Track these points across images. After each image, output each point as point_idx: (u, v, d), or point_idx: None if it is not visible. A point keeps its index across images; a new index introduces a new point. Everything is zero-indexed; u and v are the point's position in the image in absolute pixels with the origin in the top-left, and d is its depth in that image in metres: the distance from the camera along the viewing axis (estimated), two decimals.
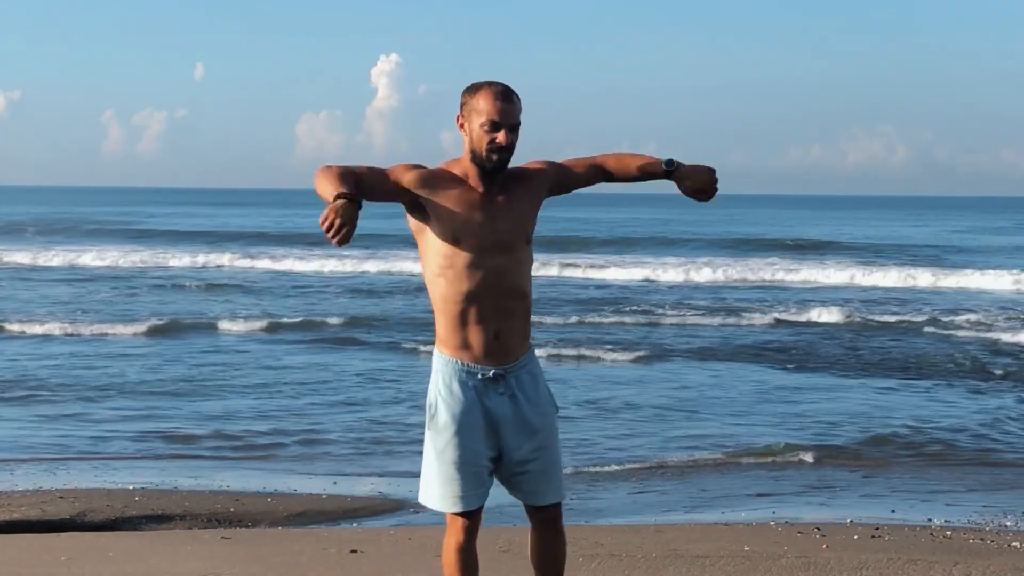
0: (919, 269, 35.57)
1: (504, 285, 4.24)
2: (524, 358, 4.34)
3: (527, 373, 4.34)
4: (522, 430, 4.31)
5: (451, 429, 4.28)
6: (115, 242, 47.81)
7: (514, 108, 4.24)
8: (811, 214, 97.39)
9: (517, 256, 4.27)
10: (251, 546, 7.41)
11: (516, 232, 4.27)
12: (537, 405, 4.34)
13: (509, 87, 4.28)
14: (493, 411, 4.28)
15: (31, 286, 30.02)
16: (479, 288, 4.22)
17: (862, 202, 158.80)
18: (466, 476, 4.28)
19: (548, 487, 4.38)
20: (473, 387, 4.28)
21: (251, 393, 14.72)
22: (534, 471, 4.35)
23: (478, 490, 4.31)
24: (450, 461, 4.28)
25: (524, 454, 4.32)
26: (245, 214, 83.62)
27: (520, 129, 4.27)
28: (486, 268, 4.22)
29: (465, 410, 4.27)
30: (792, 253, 44.08)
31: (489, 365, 4.28)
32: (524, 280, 4.31)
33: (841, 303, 26.16)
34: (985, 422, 13.18)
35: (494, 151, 4.20)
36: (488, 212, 4.23)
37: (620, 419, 13.24)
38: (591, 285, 32.05)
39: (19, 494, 9.28)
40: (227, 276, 34.33)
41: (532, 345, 4.42)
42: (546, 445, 4.36)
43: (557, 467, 4.41)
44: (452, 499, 4.29)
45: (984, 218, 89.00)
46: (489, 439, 4.30)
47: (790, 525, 8.46)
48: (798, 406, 14.14)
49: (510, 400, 4.30)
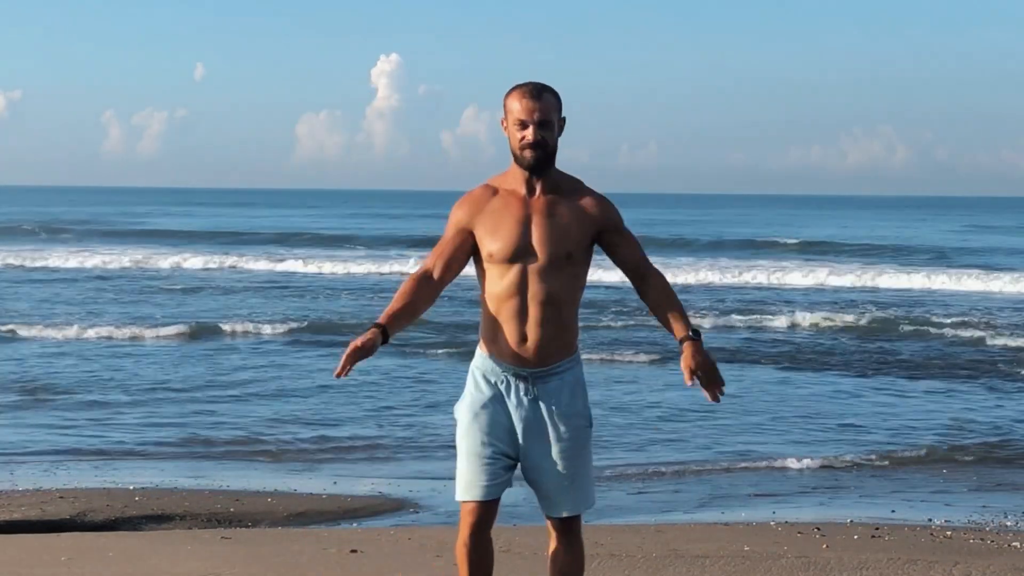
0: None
1: (533, 290, 4.24)
2: (559, 366, 4.32)
3: (560, 381, 4.32)
4: (541, 436, 4.31)
5: (468, 418, 4.34)
6: (138, 242, 47.81)
7: (544, 104, 4.26)
8: (835, 214, 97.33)
9: (553, 263, 4.25)
10: (251, 546, 7.41)
11: (551, 239, 4.24)
12: (565, 416, 4.32)
13: (541, 84, 4.31)
14: (514, 411, 4.30)
15: (39, 287, 30.00)
16: (508, 290, 4.26)
17: (862, 202, 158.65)
18: (475, 466, 4.31)
19: (562, 499, 4.35)
20: (498, 384, 4.31)
21: (258, 393, 14.72)
22: (549, 480, 4.33)
23: (487, 482, 4.31)
24: (464, 450, 4.35)
25: (539, 460, 4.31)
26: (266, 215, 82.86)
27: (557, 126, 4.29)
28: (516, 270, 4.25)
29: (485, 403, 4.32)
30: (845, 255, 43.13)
31: (516, 365, 4.29)
32: (559, 288, 4.26)
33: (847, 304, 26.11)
34: (987, 422, 13.19)
35: (525, 147, 4.25)
36: (525, 215, 4.27)
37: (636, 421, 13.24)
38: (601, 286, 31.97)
39: (19, 494, 9.28)
40: (249, 277, 34.18)
41: (577, 355, 4.39)
42: (567, 457, 4.32)
43: (578, 481, 4.35)
44: (462, 487, 4.35)
45: (994, 218, 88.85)
46: (507, 437, 4.32)
47: (790, 525, 8.45)
48: (806, 409, 14.14)
49: (533, 404, 4.30)
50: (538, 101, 4.26)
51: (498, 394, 4.32)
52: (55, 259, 38.67)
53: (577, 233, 4.28)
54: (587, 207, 4.32)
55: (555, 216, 4.28)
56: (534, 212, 4.28)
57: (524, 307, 4.25)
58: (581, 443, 4.36)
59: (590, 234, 4.31)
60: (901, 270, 35.56)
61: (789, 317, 23.56)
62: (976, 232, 65.96)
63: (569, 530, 4.40)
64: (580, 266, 4.32)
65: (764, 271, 35.04)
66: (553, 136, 4.29)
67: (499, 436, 4.31)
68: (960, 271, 34.82)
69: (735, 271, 35.18)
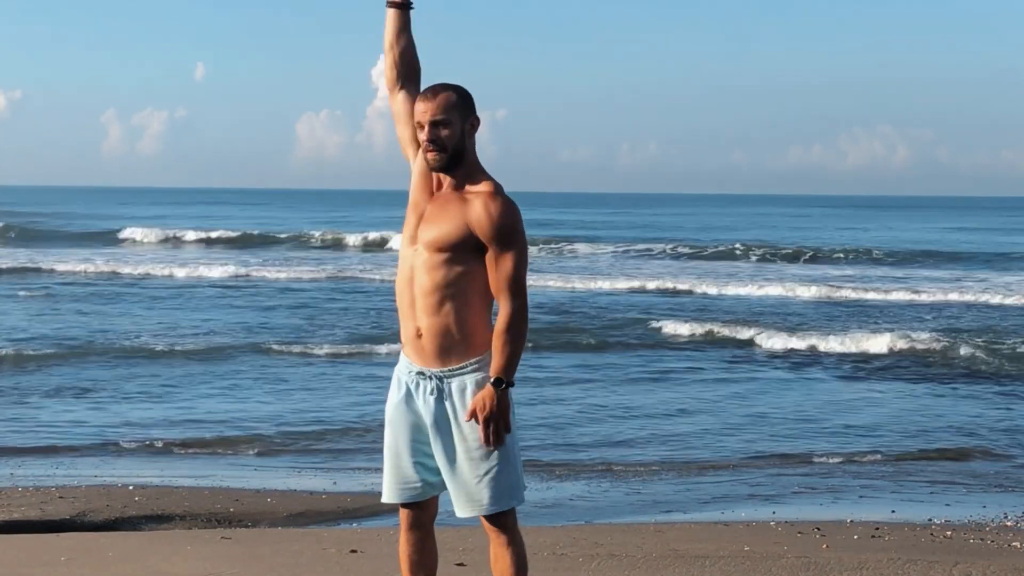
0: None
1: (421, 283, 4.20)
2: (464, 366, 4.21)
3: (462, 382, 4.20)
4: (448, 437, 4.22)
5: (385, 420, 4.37)
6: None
7: (438, 103, 4.18)
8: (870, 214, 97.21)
9: (437, 257, 4.16)
10: (251, 546, 7.41)
11: (434, 234, 4.17)
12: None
13: (443, 84, 4.25)
14: (420, 410, 4.26)
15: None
16: (401, 282, 4.26)
17: (864, 202, 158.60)
18: (390, 469, 4.34)
19: (466, 499, 4.23)
20: (406, 383, 4.29)
21: (261, 394, 14.73)
22: (454, 479, 4.24)
23: (402, 485, 4.32)
24: (384, 451, 4.38)
25: (445, 460, 4.24)
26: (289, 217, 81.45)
27: (461, 125, 4.19)
28: (408, 263, 4.24)
29: (395, 405, 4.32)
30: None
31: (418, 363, 4.25)
32: (443, 283, 4.16)
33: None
34: (988, 423, 13.19)
35: (424, 151, 4.21)
36: (424, 208, 4.24)
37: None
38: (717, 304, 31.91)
39: (19, 494, 9.28)
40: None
41: (485, 357, 4.20)
42: (475, 456, 4.19)
43: (489, 479, 4.19)
44: (384, 490, 4.39)
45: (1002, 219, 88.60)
46: (417, 438, 4.28)
47: (790, 525, 8.46)
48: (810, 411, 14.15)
49: (439, 404, 4.24)
50: (432, 101, 4.19)
51: (405, 394, 4.28)
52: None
53: (453, 233, 4.15)
54: (474, 212, 4.15)
55: (444, 210, 4.19)
56: (431, 206, 4.22)
57: (413, 302, 4.22)
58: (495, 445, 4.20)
59: (465, 239, 4.15)
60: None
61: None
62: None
63: (502, 528, 4.27)
64: (470, 264, 4.16)
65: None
66: (453, 134, 4.18)
67: (408, 438, 4.28)
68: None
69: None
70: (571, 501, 9.58)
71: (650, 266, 38.91)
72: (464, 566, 6.62)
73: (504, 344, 4.14)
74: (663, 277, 33.57)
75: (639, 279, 32.86)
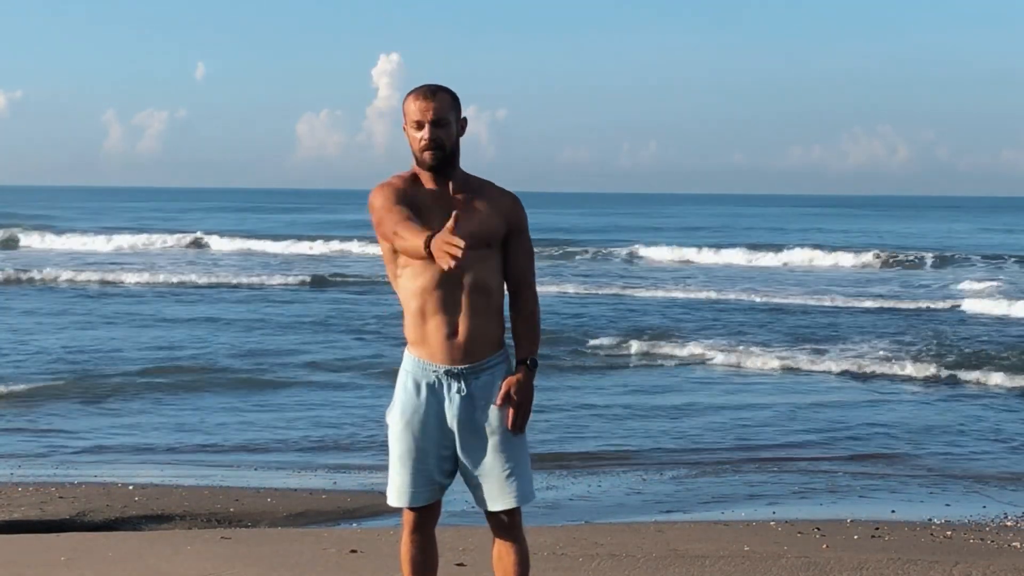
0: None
1: (461, 280, 4.19)
2: (489, 360, 4.28)
3: (491, 375, 4.26)
4: (476, 432, 4.27)
5: (400, 424, 4.34)
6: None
7: (438, 103, 4.22)
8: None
9: (482, 252, 4.20)
10: (251, 546, 7.41)
11: (480, 229, 4.19)
12: (500, 409, 4.25)
13: (436, 85, 4.28)
14: (447, 410, 4.27)
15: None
16: (433, 282, 4.21)
17: (864, 202, 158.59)
18: (410, 472, 4.33)
19: (499, 492, 4.28)
20: (429, 384, 4.28)
21: (265, 394, 14.74)
22: (485, 474, 4.28)
23: (423, 488, 4.33)
24: (398, 456, 4.36)
25: (476, 456, 4.28)
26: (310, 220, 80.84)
27: (455, 126, 4.24)
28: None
29: (416, 407, 4.30)
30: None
31: (446, 363, 4.26)
32: (486, 276, 4.24)
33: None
34: (989, 423, 13.19)
35: (424, 149, 4.22)
36: (442, 206, 4.21)
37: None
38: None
39: (19, 494, 9.27)
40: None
41: (507, 350, 4.34)
42: (502, 449, 4.26)
43: (515, 473, 4.28)
44: (396, 493, 4.38)
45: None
46: (442, 438, 4.29)
47: (790, 525, 8.45)
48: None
49: (466, 401, 4.26)
50: (432, 100, 4.22)
51: (428, 396, 4.29)
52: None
53: (492, 222, 4.25)
54: (500, 202, 4.30)
55: (472, 205, 4.23)
56: (453, 204, 4.21)
57: (452, 300, 4.21)
58: (513, 435, 4.28)
59: (503, 229, 4.29)
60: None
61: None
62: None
63: (512, 526, 4.34)
64: (499, 258, 4.28)
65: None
66: (450, 135, 4.24)
67: (434, 439, 4.29)
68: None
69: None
70: (571, 501, 9.58)
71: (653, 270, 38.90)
72: (464, 566, 6.62)
73: (532, 328, 4.33)
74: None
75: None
